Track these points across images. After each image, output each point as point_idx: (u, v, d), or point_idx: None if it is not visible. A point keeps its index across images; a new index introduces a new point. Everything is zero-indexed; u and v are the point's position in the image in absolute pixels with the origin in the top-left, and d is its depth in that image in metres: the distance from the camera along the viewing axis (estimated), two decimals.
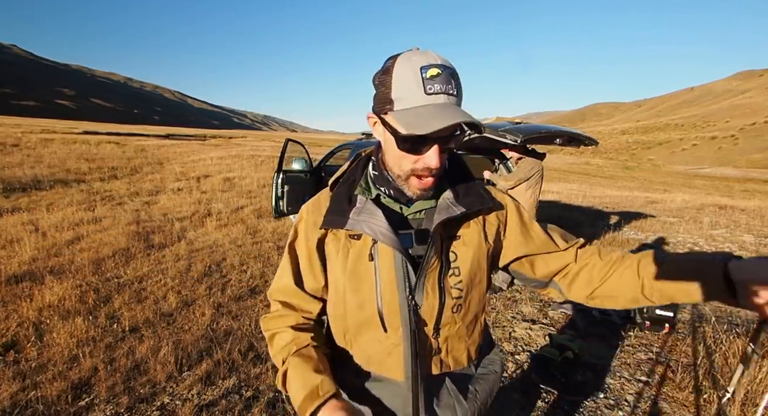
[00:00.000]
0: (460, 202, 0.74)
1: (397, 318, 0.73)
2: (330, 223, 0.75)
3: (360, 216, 0.73)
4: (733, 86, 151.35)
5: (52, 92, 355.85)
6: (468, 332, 0.79)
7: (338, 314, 0.79)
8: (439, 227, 0.71)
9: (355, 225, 0.72)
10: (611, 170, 43.55)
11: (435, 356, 0.76)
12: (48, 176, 8.79)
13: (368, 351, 0.77)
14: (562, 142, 3.58)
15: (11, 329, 2.67)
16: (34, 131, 25.46)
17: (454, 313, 0.75)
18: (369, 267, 0.73)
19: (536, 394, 2.27)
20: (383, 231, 0.70)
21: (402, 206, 0.76)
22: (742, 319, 3.21)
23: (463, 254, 0.75)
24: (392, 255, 0.72)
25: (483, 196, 0.77)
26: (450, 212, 0.72)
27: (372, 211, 0.73)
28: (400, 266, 0.72)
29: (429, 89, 0.62)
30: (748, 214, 8.71)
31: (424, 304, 0.72)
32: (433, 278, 0.72)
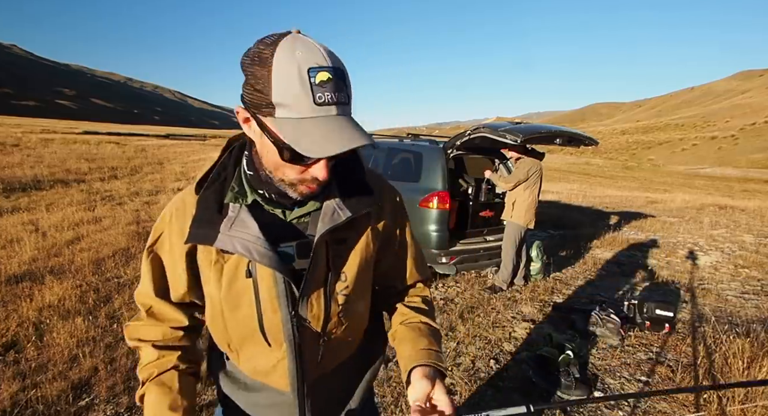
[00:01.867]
0: (347, 204, 0.68)
1: (280, 334, 0.69)
2: (197, 238, 0.64)
3: (232, 231, 0.63)
4: (733, 86, 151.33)
5: (52, 92, 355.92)
6: (354, 330, 0.78)
7: (218, 327, 0.73)
8: (324, 235, 0.66)
9: (227, 244, 0.63)
10: (611, 170, 43.55)
11: (320, 358, 0.74)
12: (48, 176, 8.79)
13: (253, 362, 0.74)
14: (562, 142, 3.58)
15: (11, 329, 2.67)
16: (34, 131, 25.47)
17: (341, 317, 0.72)
18: (247, 284, 0.67)
19: (536, 394, 2.27)
20: (259, 250, 0.62)
21: (284, 210, 0.69)
22: (743, 319, 3.21)
23: (351, 259, 0.72)
24: (272, 272, 0.66)
25: (372, 195, 0.72)
26: (335, 219, 0.66)
27: (246, 223, 0.64)
28: (281, 283, 0.66)
29: (319, 98, 0.53)
30: (748, 214, 8.71)
31: (309, 316, 0.69)
32: (318, 289, 0.69)
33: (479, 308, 3.42)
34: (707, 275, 4.50)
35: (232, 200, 0.66)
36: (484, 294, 3.75)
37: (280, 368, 0.72)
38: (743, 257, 5.10)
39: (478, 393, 2.25)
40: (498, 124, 3.56)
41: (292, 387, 0.72)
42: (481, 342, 2.84)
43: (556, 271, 4.46)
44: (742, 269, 4.72)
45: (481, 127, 3.59)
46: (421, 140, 4.77)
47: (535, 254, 4.15)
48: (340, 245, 0.71)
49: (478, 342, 2.84)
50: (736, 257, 5.13)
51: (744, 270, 4.67)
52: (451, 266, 3.79)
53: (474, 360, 2.61)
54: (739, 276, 4.47)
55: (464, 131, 3.75)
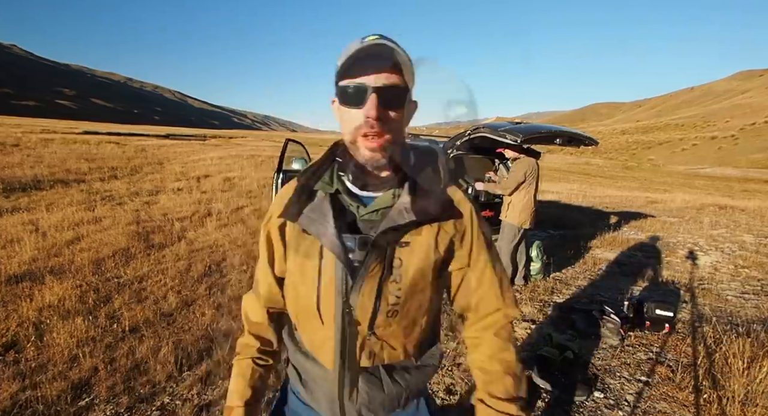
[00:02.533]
0: (414, 208, 0.72)
1: (331, 314, 0.76)
2: (287, 214, 0.78)
3: (312, 213, 0.75)
4: (733, 86, 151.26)
5: (52, 92, 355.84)
6: (405, 334, 0.79)
7: (290, 297, 0.83)
8: (384, 233, 0.71)
9: (305, 224, 0.75)
10: (611, 170, 43.55)
11: (367, 350, 0.78)
12: (48, 176, 8.79)
13: (310, 336, 0.82)
14: (562, 142, 3.58)
15: (11, 329, 2.66)
16: (34, 130, 25.46)
17: (389, 317, 0.75)
18: (315, 264, 0.76)
19: (536, 394, 2.27)
20: (327, 235, 0.72)
21: (359, 205, 0.76)
22: (743, 319, 3.21)
23: (408, 262, 0.74)
24: (334, 259, 0.73)
25: (441, 204, 0.75)
26: (398, 219, 0.71)
27: (324, 212, 0.74)
28: (340, 270, 0.73)
29: (364, 41, 0.65)
30: (748, 214, 8.71)
31: (358, 307, 0.73)
32: (372, 283, 0.73)
33: None
34: (707, 275, 4.50)
35: (321, 188, 0.77)
36: None
37: (328, 346, 0.78)
38: (743, 257, 5.10)
39: None
40: (498, 124, 3.56)
41: (335, 367, 0.79)
42: None
43: (556, 271, 4.46)
44: (742, 269, 4.72)
45: (481, 127, 3.59)
46: (421, 140, 4.77)
47: (535, 254, 4.15)
48: (402, 247, 0.74)
49: None
50: (736, 257, 5.13)
51: (744, 270, 4.67)
52: None
53: None
54: (739, 276, 4.47)
55: (464, 131, 3.75)
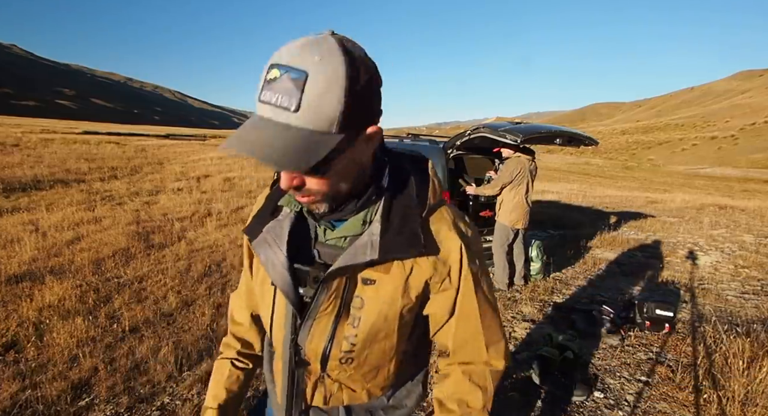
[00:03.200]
0: (383, 242, 0.59)
1: (280, 350, 0.70)
2: (249, 230, 0.69)
3: (269, 235, 0.65)
4: (733, 86, 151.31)
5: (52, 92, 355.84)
6: (367, 379, 0.70)
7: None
8: (338, 271, 0.60)
9: (258, 246, 0.66)
10: (611, 170, 43.56)
11: (321, 391, 0.70)
12: (48, 176, 8.79)
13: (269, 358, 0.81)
14: (562, 142, 3.58)
15: (11, 329, 2.67)
16: (34, 130, 25.46)
17: (343, 364, 0.66)
18: (270, 291, 0.69)
19: (536, 394, 2.27)
20: (275, 264, 0.63)
21: (326, 227, 0.64)
22: (743, 319, 3.21)
23: (371, 303, 0.63)
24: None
25: (417, 237, 0.60)
26: (358, 256, 0.59)
27: (280, 234, 0.64)
28: (290, 306, 0.66)
29: (262, 96, 0.48)
30: (748, 214, 8.71)
31: (307, 348, 0.66)
32: (325, 323, 0.63)
33: None
34: (707, 275, 4.50)
35: (285, 203, 0.67)
36: None
37: (279, 378, 0.74)
38: (743, 257, 5.10)
39: None
40: (498, 124, 3.56)
41: (283, 401, 0.72)
42: None
43: (556, 271, 4.46)
44: (742, 269, 4.72)
45: (481, 127, 3.59)
46: (421, 140, 4.77)
47: (535, 254, 4.15)
48: (366, 284, 0.63)
49: None
50: (736, 257, 5.13)
51: (744, 270, 4.67)
52: None
53: None
54: (739, 276, 4.47)
55: (464, 131, 3.75)
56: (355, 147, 0.54)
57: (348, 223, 0.63)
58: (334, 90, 0.47)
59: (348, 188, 0.58)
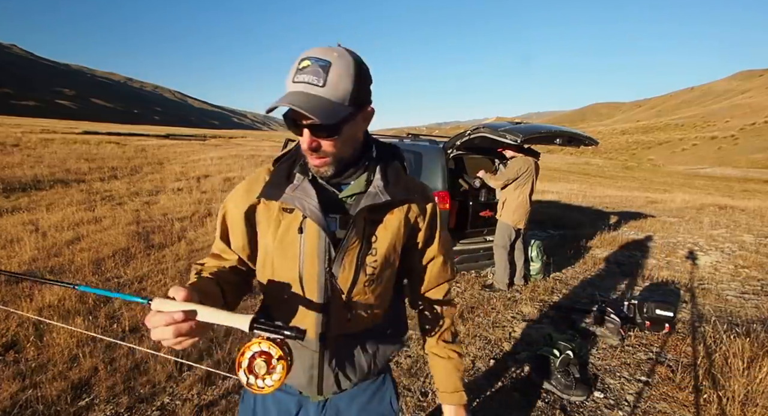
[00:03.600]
0: (388, 191, 0.82)
1: (314, 284, 0.82)
2: (267, 194, 0.82)
3: (295, 192, 0.80)
4: (733, 86, 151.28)
5: (52, 92, 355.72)
6: (377, 302, 0.89)
7: (266, 273, 0.87)
8: (363, 211, 0.80)
9: (289, 199, 0.80)
10: (611, 170, 43.55)
11: (344, 318, 0.85)
12: (48, 176, 8.79)
13: (290, 309, 0.86)
14: (562, 142, 3.58)
15: (11, 329, 2.66)
16: (34, 131, 25.46)
17: (366, 286, 0.84)
18: (296, 238, 0.82)
19: (536, 394, 2.27)
20: (312, 210, 0.78)
21: (335, 190, 0.84)
22: (743, 319, 3.21)
23: (382, 237, 0.84)
24: (317, 231, 0.80)
25: (410, 189, 0.86)
26: (375, 199, 0.80)
27: (306, 190, 0.80)
28: (323, 242, 0.80)
29: (295, 79, 0.69)
30: (748, 214, 8.71)
31: (340, 277, 0.82)
32: (352, 256, 0.81)
33: (479, 309, 3.42)
34: (707, 275, 4.50)
35: (299, 171, 0.83)
36: (484, 294, 3.76)
37: (310, 316, 0.84)
38: (743, 257, 5.10)
39: (479, 393, 2.25)
40: (498, 124, 3.56)
41: (317, 335, 0.85)
42: (481, 342, 2.85)
43: (556, 271, 4.46)
44: (742, 269, 4.72)
45: (481, 127, 3.59)
46: (421, 140, 4.77)
47: (535, 254, 4.15)
48: (376, 224, 0.84)
49: (478, 342, 2.84)
50: (736, 257, 5.13)
51: (744, 270, 4.67)
52: None
53: (474, 360, 2.61)
54: (739, 276, 4.47)
55: (464, 131, 3.75)
56: (356, 120, 0.77)
57: (354, 184, 0.83)
58: (348, 75, 0.70)
59: (349, 154, 0.80)
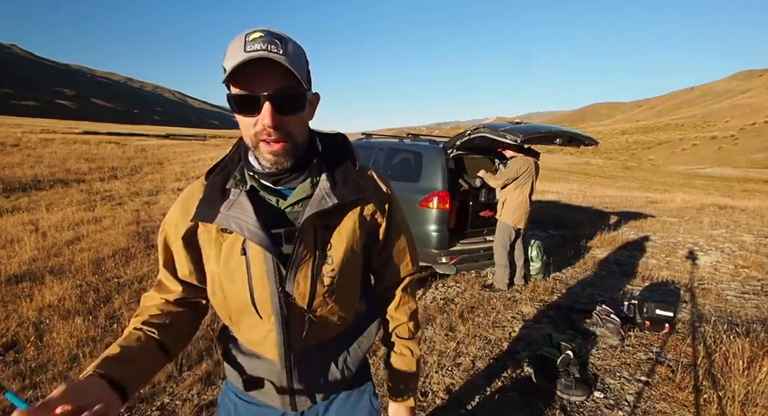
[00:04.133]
0: (336, 192, 0.74)
1: (268, 307, 0.76)
2: (200, 216, 0.74)
3: (230, 211, 0.72)
4: (733, 86, 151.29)
5: (52, 92, 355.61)
6: (342, 309, 0.83)
7: (218, 300, 0.80)
8: (309, 220, 0.72)
9: (223, 221, 0.71)
10: (611, 170, 43.55)
11: (308, 333, 0.80)
12: (48, 176, 8.79)
13: (248, 334, 0.82)
14: (562, 142, 3.58)
15: (11, 329, 2.67)
16: (34, 131, 25.46)
17: (326, 297, 0.78)
18: (241, 261, 0.74)
19: (536, 394, 2.27)
20: (251, 229, 0.70)
21: (278, 199, 0.76)
22: (743, 319, 3.21)
23: (337, 244, 0.77)
24: (262, 252, 0.72)
25: (359, 185, 0.78)
26: (322, 204, 0.73)
27: (243, 206, 0.72)
28: (270, 262, 0.73)
29: (248, 48, 0.61)
30: (748, 214, 8.71)
31: (296, 294, 0.75)
32: (306, 270, 0.75)
33: (479, 309, 3.42)
34: (707, 275, 4.50)
35: (233, 185, 0.75)
36: (484, 294, 3.76)
37: (270, 339, 0.78)
38: (743, 257, 5.10)
39: (479, 393, 2.25)
40: (498, 124, 3.56)
41: (280, 357, 0.80)
42: (481, 342, 2.84)
43: (556, 271, 4.46)
44: (742, 269, 4.72)
45: (481, 127, 3.59)
46: (421, 140, 4.77)
47: (535, 254, 4.15)
48: (328, 230, 0.77)
49: (478, 342, 2.84)
50: (736, 257, 5.13)
51: (744, 270, 4.67)
52: (451, 266, 3.79)
53: (474, 360, 2.61)
54: (739, 276, 4.47)
55: (464, 131, 3.75)
56: (308, 106, 0.71)
57: (298, 189, 0.76)
58: (302, 54, 0.67)
59: (304, 140, 0.74)
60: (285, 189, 0.76)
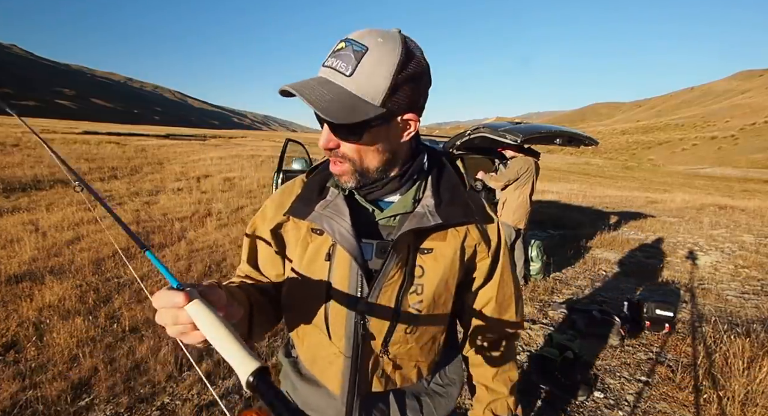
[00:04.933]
0: (440, 211, 0.65)
1: (342, 327, 0.67)
2: (294, 211, 0.69)
3: (325, 210, 0.66)
4: (733, 86, 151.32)
5: (52, 92, 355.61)
6: (422, 352, 0.72)
7: (289, 305, 0.74)
8: (405, 236, 0.63)
9: (316, 219, 0.66)
10: (611, 170, 43.55)
11: (379, 372, 0.70)
12: (48, 176, 8.78)
13: (314, 352, 0.73)
14: (562, 142, 3.58)
15: (11, 329, 2.66)
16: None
17: (408, 334, 0.68)
18: (324, 267, 0.67)
19: (536, 394, 2.27)
20: (343, 234, 0.63)
21: (374, 208, 0.68)
22: (743, 319, 3.21)
23: (431, 271, 0.67)
24: (348, 260, 0.65)
25: (469, 207, 0.68)
26: (423, 222, 0.64)
27: (339, 208, 0.66)
28: (355, 275, 0.65)
29: (326, 63, 0.58)
30: (748, 214, 8.71)
31: (374, 320, 0.66)
32: (391, 293, 0.65)
33: None
34: (707, 275, 4.49)
35: (333, 185, 0.69)
36: None
37: (336, 365, 0.69)
38: (743, 257, 5.09)
39: None
40: (498, 124, 3.56)
41: (343, 391, 0.69)
42: None
43: (556, 271, 4.46)
44: (742, 269, 4.72)
45: (481, 127, 3.58)
46: (421, 141, 4.76)
47: (535, 254, 4.15)
48: (424, 254, 0.67)
49: None
50: (736, 257, 5.13)
51: (744, 270, 4.67)
52: None
53: None
54: (739, 276, 4.47)
55: (464, 131, 3.75)
56: (390, 126, 0.61)
57: (398, 203, 0.68)
58: (386, 67, 0.55)
59: (376, 166, 0.63)
60: (381, 201, 0.69)
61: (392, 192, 0.68)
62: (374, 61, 0.55)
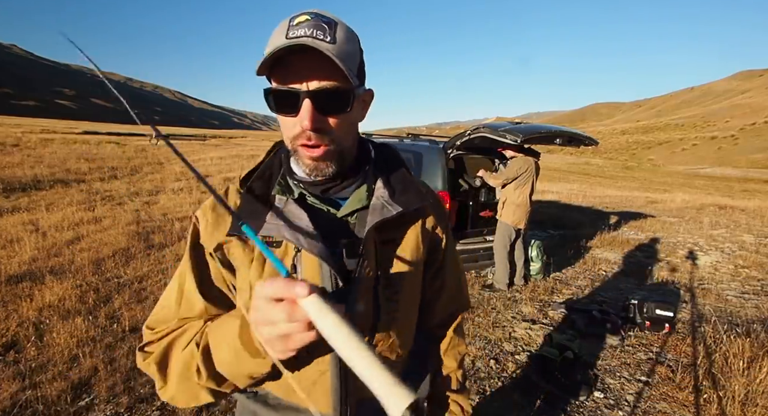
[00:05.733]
0: (396, 200, 0.63)
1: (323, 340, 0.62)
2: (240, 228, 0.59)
3: (279, 220, 0.58)
4: (733, 86, 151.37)
5: (52, 92, 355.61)
6: (402, 343, 0.69)
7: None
8: (372, 232, 0.60)
9: (273, 231, 0.57)
10: (611, 170, 43.56)
11: None
12: (48, 176, 8.78)
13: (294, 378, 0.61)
14: (562, 142, 3.58)
15: (11, 329, 2.66)
16: (34, 131, 25.45)
17: (389, 329, 0.65)
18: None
19: (536, 394, 2.27)
20: (309, 240, 0.57)
21: (329, 208, 0.63)
22: (743, 319, 3.21)
23: (400, 262, 0.65)
24: (318, 267, 0.59)
25: (421, 192, 0.68)
26: (384, 213, 0.61)
27: (295, 213, 0.60)
28: (328, 281, 0.59)
29: (290, 34, 0.52)
30: (748, 214, 8.71)
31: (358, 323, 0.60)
32: (368, 292, 0.61)
33: (479, 309, 3.42)
34: (707, 275, 4.50)
35: (279, 193, 0.62)
36: (484, 294, 3.76)
37: (321, 384, 0.62)
38: (743, 257, 5.10)
39: (479, 394, 2.25)
40: (498, 124, 3.56)
41: (335, 409, 0.63)
42: (481, 342, 2.84)
43: (556, 271, 4.46)
44: (742, 269, 4.72)
45: (481, 127, 3.59)
46: (421, 140, 4.77)
47: (535, 254, 4.15)
48: (387, 245, 0.65)
49: (478, 342, 2.84)
50: (736, 257, 5.13)
51: (744, 270, 4.67)
52: None
53: (474, 360, 2.61)
54: (739, 276, 4.47)
55: (464, 131, 3.75)
56: (358, 102, 0.59)
57: (353, 197, 0.64)
58: (354, 42, 0.56)
59: (350, 145, 0.62)
60: (336, 198, 0.65)
61: (347, 187, 0.64)
62: (345, 35, 0.54)
